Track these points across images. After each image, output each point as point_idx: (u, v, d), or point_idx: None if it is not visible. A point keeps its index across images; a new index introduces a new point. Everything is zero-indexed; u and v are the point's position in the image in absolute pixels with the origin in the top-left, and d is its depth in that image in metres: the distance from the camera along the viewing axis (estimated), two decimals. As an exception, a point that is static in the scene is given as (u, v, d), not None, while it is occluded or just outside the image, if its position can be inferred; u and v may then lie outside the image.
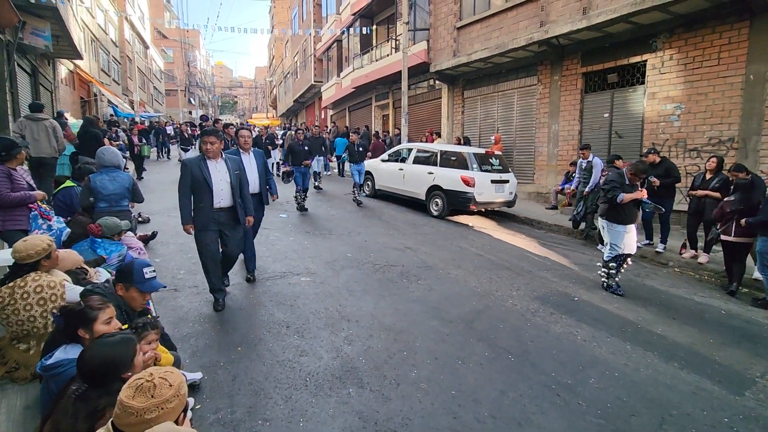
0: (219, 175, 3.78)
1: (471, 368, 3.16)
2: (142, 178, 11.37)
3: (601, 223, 5.08)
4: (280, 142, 14.57)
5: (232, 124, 10.10)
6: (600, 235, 7.01)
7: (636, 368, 3.28)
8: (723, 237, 5.12)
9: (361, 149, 9.98)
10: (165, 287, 3.09)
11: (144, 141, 12.49)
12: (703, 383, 3.12)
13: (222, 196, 3.79)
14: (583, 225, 7.47)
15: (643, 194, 4.85)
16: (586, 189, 7.31)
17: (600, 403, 2.80)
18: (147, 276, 2.48)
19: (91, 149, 6.50)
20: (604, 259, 4.98)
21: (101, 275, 3.11)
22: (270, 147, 12.41)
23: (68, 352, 1.95)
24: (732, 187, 5.30)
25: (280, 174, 9.35)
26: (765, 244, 4.63)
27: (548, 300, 4.57)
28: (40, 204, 4.03)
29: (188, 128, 17.17)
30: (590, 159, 7.43)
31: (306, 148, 8.75)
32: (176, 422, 1.34)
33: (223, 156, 3.86)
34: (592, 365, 3.28)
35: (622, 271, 5.05)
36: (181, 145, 14.81)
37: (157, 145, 17.57)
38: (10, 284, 2.49)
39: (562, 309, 4.34)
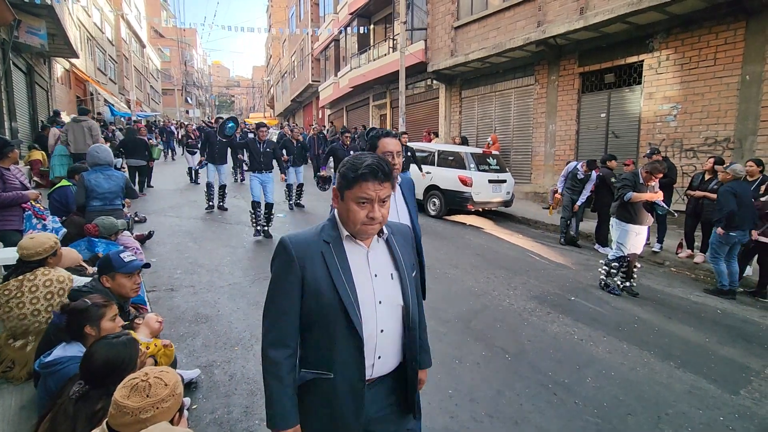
0: (378, 286, 1.34)
1: (468, 367, 3.16)
2: (152, 186, 10.03)
3: (611, 221, 5.06)
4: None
5: (265, 125, 7.03)
6: (596, 235, 7.07)
7: (632, 367, 3.29)
8: (762, 239, 4.92)
9: (408, 154, 7.64)
10: (149, 266, 2.91)
11: (154, 142, 10.95)
12: (698, 382, 3.14)
13: (384, 343, 1.34)
14: (572, 231, 7.21)
15: (655, 196, 4.69)
16: (578, 203, 7.00)
17: (596, 402, 2.81)
18: (126, 260, 2.50)
19: (139, 154, 8.64)
20: (609, 258, 4.97)
21: None
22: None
23: (67, 350, 1.95)
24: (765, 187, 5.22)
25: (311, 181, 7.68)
26: (716, 237, 4.87)
27: (545, 299, 4.58)
28: (33, 204, 4.00)
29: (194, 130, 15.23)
30: (589, 173, 7.03)
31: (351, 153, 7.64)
32: (172, 422, 1.34)
33: (385, 231, 1.40)
34: (588, 364, 3.29)
35: (634, 276, 4.93)
36: (187, 149, 12.71)
37: (162, 144, 17.45)
38: (20, 277, 2.49)
39: (558, 308, 4.35)
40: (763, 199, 5.00)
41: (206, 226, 6.91)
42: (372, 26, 17.90)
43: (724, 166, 5.12)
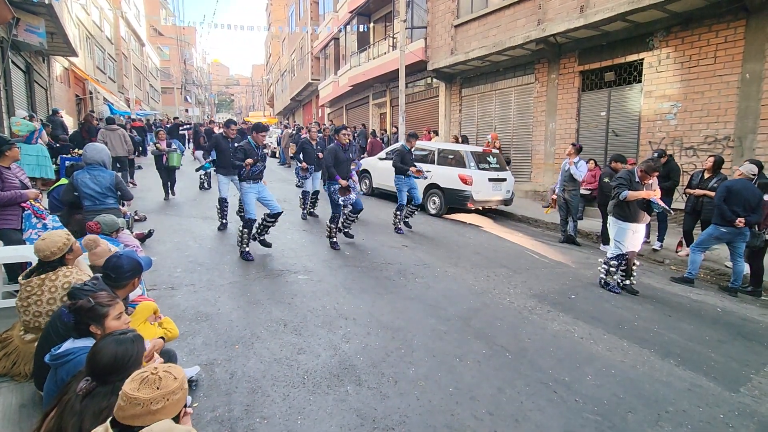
0: None
1: (468, 366, 3.16)
2: (174, 194, 8.87)
3: (609, 219, 5.07)
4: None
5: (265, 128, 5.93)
6: (601, 234, 7.06)
7: (632, 365, 3.29)
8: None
9: (413, 157, 7.18)
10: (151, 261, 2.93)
11: (174, 146, 9.05)
12: (698, 380, 3.14)
13: None
14: (570, 227, 7.12)
15: (650, 194, 4.66)
16: (580, 179, 6.83)
17: (597, 400, 2.81)
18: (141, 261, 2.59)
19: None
20: (607, 256, 4.97)
21: None
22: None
23: (76, 342, 1.98)
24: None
25: (336, 194, 6.06)
26: (712, 231, 5.01)
27: (545, 297, 4.59)
28: (33, 203, 3.99)
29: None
30: (576, 161, 6.89)
31: (350, 156, 6.36)
32: (178, 417, 1.35)
33: None
34: (588, 362, 3.30)
35: (634, 274, 4.95)
36: (197, 150, 11.19)
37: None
38: (43, 276, 2.54)
39: (559, 306, 4.36)
40: (767, 198, 5.00)
41: (206, 225, 6.90)
42: (372, 24, 17.87)
43: (739, 165, 5.18)
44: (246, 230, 5.35)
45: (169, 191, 8.72)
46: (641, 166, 4.77)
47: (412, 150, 7.34)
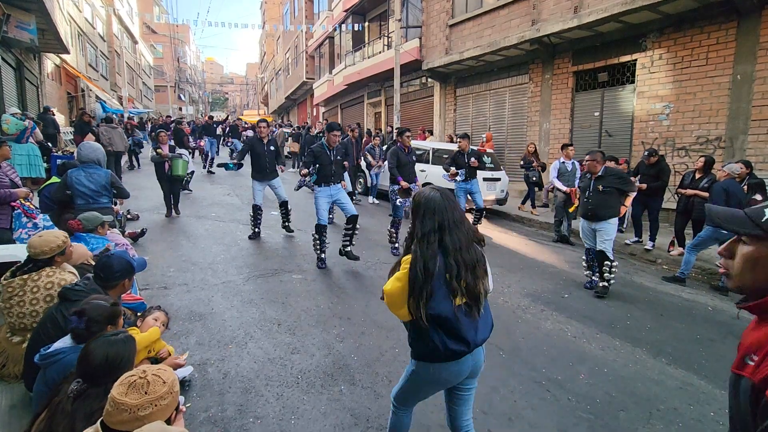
0: None
1: (462, 365, 3.17)
2: (179, 213, 7.41)
3: None
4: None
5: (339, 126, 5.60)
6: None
7: (625, 364, 3.32)
8: None
9: (476, 158, 6.72)
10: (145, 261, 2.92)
11: (179, 152, 7.71)
12: (689, 378, 3.17)
13: None
14: (564, 226, 7.15)
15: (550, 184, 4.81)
16: (576, 185, 6.79)
17: (589, 399, 2.83)
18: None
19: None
20: None
21: None
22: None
23: (66, 342, 1.96)
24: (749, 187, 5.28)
25: (395, 195, 5.90)
26: (708, 233, 5.07)
27: (539, 297, 4.61)
28: (23, 202, 3.94)
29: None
30: (572, 160, 7.00)
31: (414, 158, 6.11)
32: (169, 420, 1.33)
33: None
34: (581, 361, 3.32)
35: (606, 275, 4.84)
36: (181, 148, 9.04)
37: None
38: (25, 276, 2.50)
39: (552, 306, 4.38)
40: (758, 197, 5.07)
41: (200, 224, 6.86)
42: (367, 23, 17.85)
43: (722, 165, 5.22)
44: (317, 236, 5.18)
45: (172, 207, 7.32)
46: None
47: (465, 152, 6.82)
